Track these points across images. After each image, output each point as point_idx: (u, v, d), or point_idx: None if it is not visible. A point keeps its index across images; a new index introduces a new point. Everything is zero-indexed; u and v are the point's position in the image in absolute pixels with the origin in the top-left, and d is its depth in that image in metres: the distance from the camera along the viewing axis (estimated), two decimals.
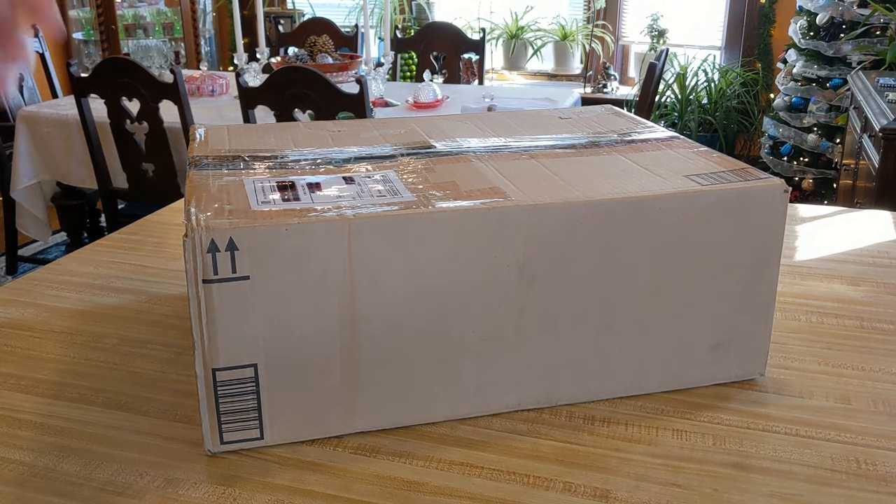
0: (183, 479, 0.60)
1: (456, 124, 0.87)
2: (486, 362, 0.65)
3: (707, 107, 4.30)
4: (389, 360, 0.63)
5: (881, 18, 3.19)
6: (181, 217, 1.16)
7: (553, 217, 0.63)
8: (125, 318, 0.86)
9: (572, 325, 0.66)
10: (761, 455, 0.63)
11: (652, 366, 0.70)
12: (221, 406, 0.61)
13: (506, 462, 0.62)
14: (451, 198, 0.63)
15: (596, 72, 4.61)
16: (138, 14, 4.42)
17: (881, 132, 2.18)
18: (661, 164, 0.72)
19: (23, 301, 0.90)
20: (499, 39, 4.86)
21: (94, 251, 1.03)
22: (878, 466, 0.62)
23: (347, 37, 3.58)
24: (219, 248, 0.57)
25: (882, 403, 0.70)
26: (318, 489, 0.59)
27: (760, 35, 4.30)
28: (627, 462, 0.62)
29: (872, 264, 1.00)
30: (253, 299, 0.59)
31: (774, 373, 0.74)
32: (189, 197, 0.63)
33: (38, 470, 0.61)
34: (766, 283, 0.69)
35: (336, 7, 4.91)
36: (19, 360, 0.77)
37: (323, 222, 0.59)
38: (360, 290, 0.61)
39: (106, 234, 1.48)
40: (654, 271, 0.66)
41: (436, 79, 3.12)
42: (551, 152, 0.76)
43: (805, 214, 1.19)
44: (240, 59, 2.79)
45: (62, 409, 0.69)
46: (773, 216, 0.67)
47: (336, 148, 0.77)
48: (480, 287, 0.63)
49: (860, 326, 0.84)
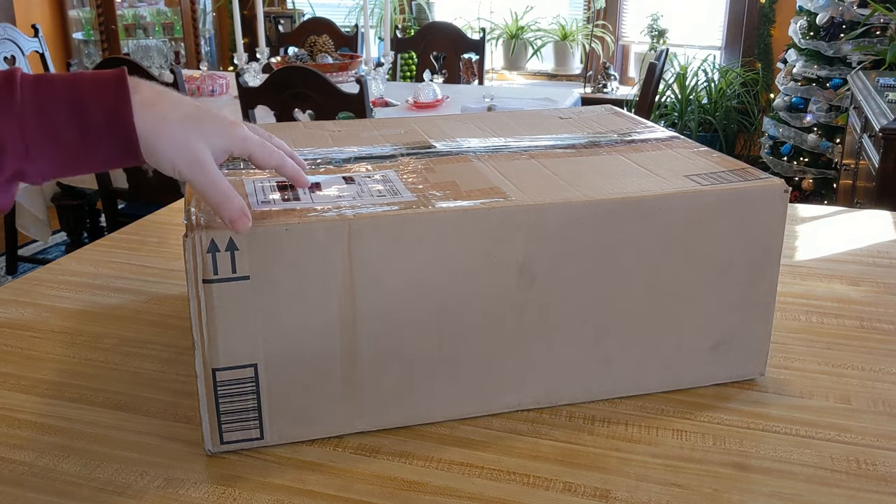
0: (183, 479, 0.60)
1: (456, 124, 0.87)
2: (486, 362, 0.65)
3: (707, 107, 4.30)
4: (389, 360, 0.63)
5: (881, 18, 3.19)
6: (181, 217, 1.16)
7: (553, 217, 0.63)
8: (125, 318, 0.86)
9: (572, 325, 0.66)
10: (761, 455, 0.63)
11: (652, 366, 0.70)
12: (221, 406, 0.61)
13: (506, 462, 0.62)
14: (451, 198, 0.63)
15: (596, 72, 4.61)
16: (138, 14, 4.42)
17: (881, 132, 2.18)
18: (661, 164, 0.72)
19: (23, 301, 0.90)
20: (499, 39, 4.86)
21: (94, 251, 1.03)
22: (878, 466, 0.62)
23: (347, 37, 3.58)
24: (219, 248, 0.57)
25: (882, 403, 0.70)
26: (318, 489, 0.59)
27: (760, 35, 4.30)
28: (627, 462, 0.62)
29: (872, 264, 1.00)
30: (253, 299, 0.59)
31: (774, 373, 0.74)
32: (189, 197, 0.63)
33: (38, 470, 0.61)
34: (766, 283, 0.69)
35: (336, 7, 4.91)
36: (19, 360, 0.77)
37: (323, 222, 0.59)
38: (360, 290, 0.61)
39: (106, 234, 1.48)
40: (654, 271, 0.66)
41: (436, 79, 3.12)
42: (551, 152, 0.76)
43: (805, 214, 1.19)
44: (240, 59, 2.78)
45: (62, 409, 0.69)
46: (773, 216, 0.67)
47: (336, 148, 0.77)
48: (480, 287, 0.63)
49: (860, 326, 0.84)
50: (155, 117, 0.55)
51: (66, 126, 0.53)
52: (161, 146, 0.55)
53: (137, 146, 0.55)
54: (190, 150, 0.56)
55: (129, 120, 0.54)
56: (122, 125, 0.54)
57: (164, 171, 0.56)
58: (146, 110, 0.55)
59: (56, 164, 0.54)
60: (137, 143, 0.55)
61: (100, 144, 0.54)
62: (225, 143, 0.58)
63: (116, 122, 0.54)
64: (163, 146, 0.55)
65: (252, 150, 0.60)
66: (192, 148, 0.56)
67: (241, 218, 0.56)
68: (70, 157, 0.54)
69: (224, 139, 0.58)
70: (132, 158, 0.55)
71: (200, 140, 0.56)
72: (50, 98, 0.53)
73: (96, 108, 0.54)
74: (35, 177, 0.55)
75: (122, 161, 0.55)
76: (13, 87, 0.53)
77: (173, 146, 0.55)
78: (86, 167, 0.56)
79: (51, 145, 0.54)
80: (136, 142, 0.54)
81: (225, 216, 0.56)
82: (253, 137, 0.60)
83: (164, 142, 0.55)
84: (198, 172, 0.56)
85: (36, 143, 0.53)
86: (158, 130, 0.55)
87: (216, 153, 0.58)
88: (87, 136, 0.54)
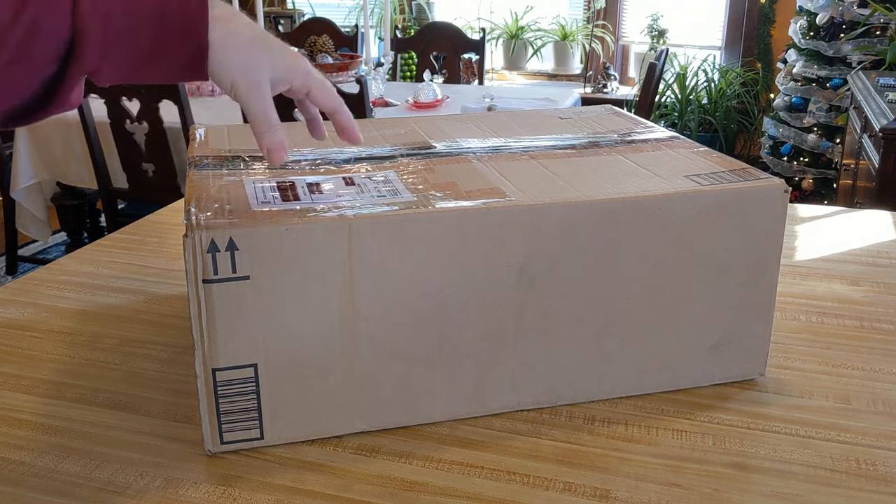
0: (183, 479, 0.60)
1: (456, 124, 0.87)
2: (486, 362, 0.65)
3: (707, 107, 4.30)
4: (389, 360, 0.63)
5: (881, 18, 3.19)
6: (181, 217, 1.16)
7: (553, 217, 0.63)
8: (125, 318, 0.86)
9: (572, 325, 0.66)
10: (761, 455, 0.63)
11: (652, 366, 0.70)
12: (221, 406, 0.61)
13: (506, 462, 0.62)
14: (451, 198, 0.63)
15: (596, 72, 4.61)
16: None
17: (881, 132, 2.18)
18: (661, 165, 0.72)
19: (23, 301, 0.90)
20: (499, 39, 4.86)
21: (94, 251, 1.03)
22: (878, 466, 0.62)
23: (347, 37, 3.58)
24: (219, 249, 0.57)
25: (882, 403, 0.70)
26: (318, 489, 0.59)
27: (760, 35, 4.30)
28: (627, 462, 0.62)
29: (872, 264, 1.00)
30: (253, 299, 0.59)
31: (774, 373, 0.74)
32: (189, 197, 0.63)
33: (38, 470, 0.61)
34: (766, 283, 0.69)
35: (336, 7, 4.91)
36: (19, 360, 0.77)
37: (323, 223, 0.59)
38: (360, 290, 0.61)
39: (106, 234, 1.48)
40: (653, 271, 0.66)
41: (436, 79, 3.12)
42: (551, 152, 0.76)
43: (805, 214, 1.19)
44: None
45: (62, 409, 0.69)
46: (773, 216, 0.67)
47: (336, 148, 0.77)
48: (480, 287, 0.63)
49: (860, 326, 0.84)
50: (227, 33, 0.56)
51: (144, 30, 0.54)
52: (227, 62, 0.56)
53: (206, 59, 0.55)
54: (253, 71, 0.57)
55: (205, 32, 0.55)
56: (196, 36, 0.55)
57: (221, 87, 0.57)
58: (220, 25, 0.56)
59: (124, 67, 0.55)
60: (206, 55, 0.55)
61: (170, 53, 0.55)
62: (287, 73, 0.59)
63: (192, 32, 0.54)
64: (229, 62, 0.56)
65: (312, 85, 0.60)
66: (255, 69, 0.57)
67: (279, 150, 0.57)
68: (139, 62, 0.55)
69: (288, 69, 0.59)
70: (197, 71, 0.56)
71: (265, 63, 0.57)
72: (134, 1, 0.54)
73: (176, 16, 0.54)
74: (104, 78, 0.55)
75: (185, 74, 0.56)
76: None
77: (238, 64, 0.56)
78: (149, 75, 0.56)
79: (126, 48, 0.54)
80: (206, 54, 0.55)
81: (264, 144, 0.57)
82: (316, 74, 0.61)
83: (230, 58, 0.56)
84: (254, 96, 0.57)
85: (114, 45, 0.53)
86: (228, 46, 0.56)
87: (276, 81, 0.59)
88: (161, 43, 0.54)
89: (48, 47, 0.52)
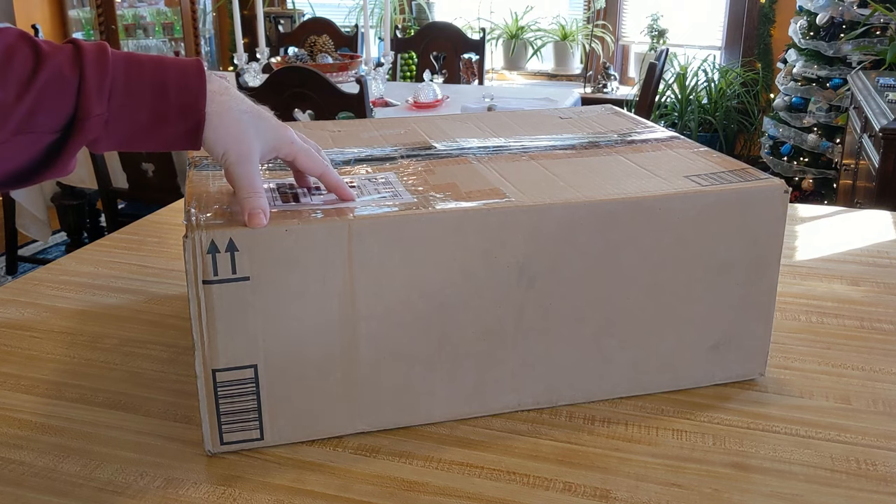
0: (183, 479, 0.60)
1: (456, 124, 0.87)
2: (486, 362, 0.65)
3: (707, 107, 4.30)
4: (389, 360, 0.63)
5: (881, 18, 3.18)
6: (181, 217, 1.16)
7: (553, 217, 0.63)
8: (125, 318, 0.86)
9: (572, 325, 0.66)
10: (761, 455, 0.63)
11: (652, 366, 0.70)
12: (221, 406, 0.61)
13: (506, 462, 0.62)
14: (451, 199, 0.63)
15: (596, 72, 4.61)
16: (138, 14, 4.42)
17: (881, 132, 2.18)
18: (662, 165, 0.72)
19: (23, 301, 0.90)
20: (499, 39, 4.86)
21: (94, 251, 1.03)
22: (878, 466, 0.62)
23: (347, 37, 3.58)
24: (219, 249, 0.57)
25: (882, 403, 0.70)
26: (318, 489, 0.59)
27: (760, 35, 4.30)
28: (627, 462, 0.62)
29: (872, 264, 1.00)
30: (253, 300, 0.59)
31: (774, 373, 0.74)
32: (189, 197, 0.63)
33: (38, 470, 0.61)
34: (766, 283, 0.69)
35: (336, 7, 4.91)
36: (19, 360, 0.77)
37: (323, 223, 0.59)
38: (360, 290, 0.61)
39: (106, 234, 1.48)
40: (653, 271, 0.66)
41: (436, 79, 3.12)
42: (551, 153, 0.76)
43: (805, 214, 1.19)
44: (240, 59, 2.78)
45: (62, 409, 0.69)
46: (773, 216, 0.67)
47: (336, 149, 0.77)
48: (480, 287, 0.63)
49: (860, 326, 0.84)
50: (221, 106, 0.59)
51: (145, 105, 0.56)
52: (220, 133, 0.59)
53: (202, 131, 0.58)
54: (244, 142, 0.60)
55: (203, 106, 0.57)
56: (195, 110, 0.57)
57: (212, 156, 0.60)
58: (216, 98, 0.58)
59: (123, 138, 0.57)
60: (203, 128, 0.58)
61: (168, 125, 0.57)
62: (275, 143, 0.62)
63: (191, 107, 0.57)
64: (222, 133, 0.59)
65: (298, 153, 0.63)
66: (245, 141, 0.60)
67: (258, 214, 0.58)
68: (138, 134, 0.57)
69: (275, 139, 0.62)
70: (193, 142, 0.59)
71: (255, 135, 0.60)
72: (137, 78, 0.56)
73: (176, 91, 0.57)
74: (102, 147, 0.57)
75: (181, 144, 0.58)
76: (105, 63, 0.55)
77: (230, 135, 0.59)
78: (146, 144, 0.58)
79: (127, 122, 0.56)
80: (202, 127, 0.58)
81: (246, 207, 0.59)
82: (300, 142, 0.64)
83: (223, 130, 0.59)
84: (243, 163, 0.60)
85: (116, 118, 0.56)
86: (222, 119, 0.59)
87: (264, 150, 0.62)
88: (160, 117, 0.57)
89: (52, 121, 0.54)
